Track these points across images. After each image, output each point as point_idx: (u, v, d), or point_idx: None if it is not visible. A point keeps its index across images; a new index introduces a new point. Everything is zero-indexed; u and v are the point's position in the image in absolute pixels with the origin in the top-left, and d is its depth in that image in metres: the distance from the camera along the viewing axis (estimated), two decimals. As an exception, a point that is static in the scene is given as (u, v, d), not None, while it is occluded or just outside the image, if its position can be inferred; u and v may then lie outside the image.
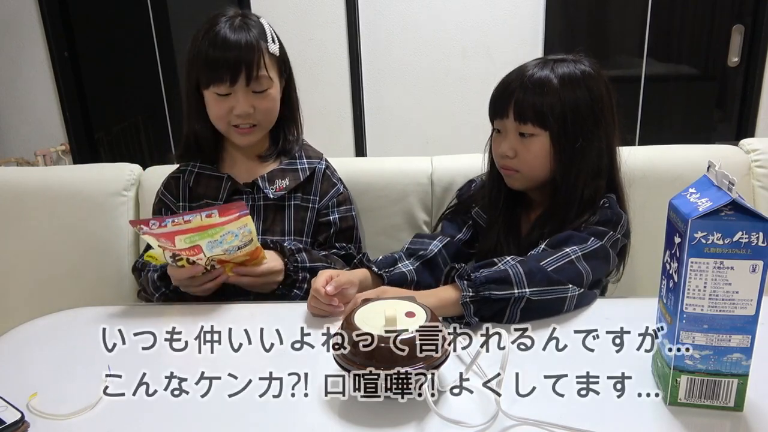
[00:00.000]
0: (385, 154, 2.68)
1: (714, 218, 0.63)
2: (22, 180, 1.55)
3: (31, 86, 2.74)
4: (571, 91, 1.04)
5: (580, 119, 1.05)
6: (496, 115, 1.11)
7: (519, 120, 1.06)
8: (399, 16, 2.51)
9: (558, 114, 1.04)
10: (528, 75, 1.06)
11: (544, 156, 1.07)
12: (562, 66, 1.06)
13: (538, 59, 1.10)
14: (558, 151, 1.06)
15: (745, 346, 0.66)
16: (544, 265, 0.94)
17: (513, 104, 1.06)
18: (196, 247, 0.99)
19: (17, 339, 0.98)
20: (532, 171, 1.09)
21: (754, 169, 1.45)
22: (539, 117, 1.04)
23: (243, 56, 1.13)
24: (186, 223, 0.98)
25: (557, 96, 1.04)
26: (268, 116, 1.21)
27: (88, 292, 1.50)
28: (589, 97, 1.05)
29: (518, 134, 1.08)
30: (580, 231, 1.04)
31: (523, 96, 1.05)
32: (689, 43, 2.56)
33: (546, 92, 1.04)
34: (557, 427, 0.68)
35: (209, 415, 0.74)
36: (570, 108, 1.04)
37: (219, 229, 0.99)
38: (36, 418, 0.74)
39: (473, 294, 0.89)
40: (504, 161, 1.11)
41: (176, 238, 0.98)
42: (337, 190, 1.30)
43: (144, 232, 0.99)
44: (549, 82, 1.04)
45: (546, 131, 1.05)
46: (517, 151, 1.08)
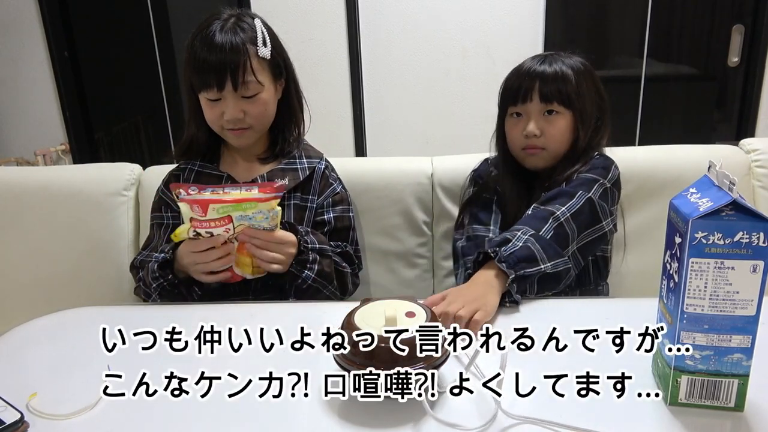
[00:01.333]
0: (385, 154, 2.68)
1: (715, 218, 0.63)
2: (22, 180, 1.55)
3: (31, 86, 2.74)
4: (580, 76, 1.19)
5: (591, 99, 1.20)
6: (518, 100, 1.21)
7: (545, 101, 1.18)
8: (399, 16, 2.51)
9: (579, 93, 1.18)
10: (547, 61, 1.20)
11: (569, 131, 1.20)
12: (567, 58, 1.21)
13: (541, 54, 1.24)
14: (580, 125, 1.19)
15: (746, 347, 0.66)
16: (544, 235, 1.05)
17: (537, 87, 1.18)
18: (227, 217, 1.01)
19: (17, 339, 0.98)
20: (557, 147, 1.20)
21: (754, 169, 1.45)
22: (565, 96, 1.17)
23: (228, 63, 1.11)
24: (225, 194, 1.01)
25: (573, 80, 1.18)
26: (260, 120, 1.20)
27: (88, 292, 1.50)
28: (592, 82, 1.21)
29: (543, 114, 1.19)
30: (571, 180, 1.15)
31: (546, 79, 1.18)
32: (689, 43, 2.56)
33: (565, 77, 1.18)
34: (557, 426, 0.68)
35: (209, 415, 0.74)
36: (584, 89, 1.19)
37: (253, 205, 1.01)
38: (36, 418, 0.74)
39: (513, 274, 0.97)
40: (530, 140, 1.20)
41: (210, 206, 0.99)
42: (333, 190, 1.29)
43: (181, 197, 1.00)
44: (564, 69, 1.19)
45: (569, 110, 1.18)
46: (543, 130, 1.19)
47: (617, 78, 2.63)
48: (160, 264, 1.12)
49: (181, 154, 1.30)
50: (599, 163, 1.19)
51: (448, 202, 1.48)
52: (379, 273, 1.51)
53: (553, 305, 1.01)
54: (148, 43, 2.78)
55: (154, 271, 1.13)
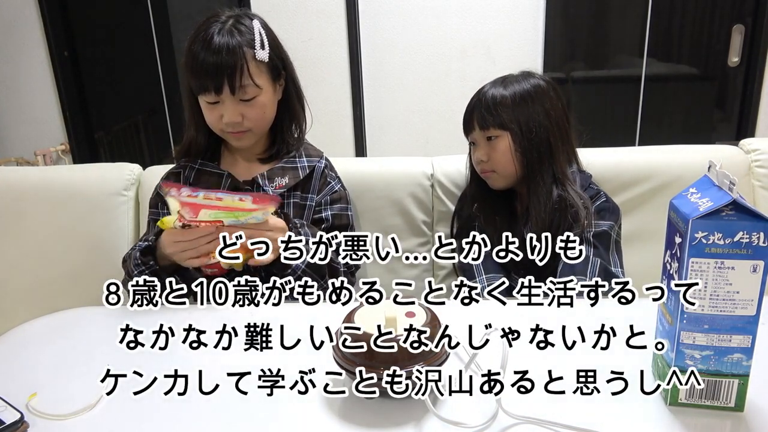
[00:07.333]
0: (385, 154, 2.68)
1: (715, 218, 0.63)
2: (22, 180, 1.55)
3: (31, 86, 2.74)
4: (523, 99, 1.24)
5: (534, 115, 1.23)
6: (466, 131, 1.32)
7: (482, 127, 1.26)
8: (399, 16, 2.51)
9: (512, 113, 1.23)
10: (485, 92, 1.27)
11: (510, 152, 1.24)
12: (516, 83, 1.26)
13: (495, 80, 1.30)
14: (519, 144, 1.23)
15: (746, 347, 0.66)
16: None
17: (476, 116, 1.27)
18: (218, 222, 1.00)
19: (17, 339, 0.98)
20: (504, 168, 1.26)
21: (754, 169, 1.45)
22: (497, 119, 1.24)
23: (225, 67, 1.11)
24: (217, 201, 1.00)
25: (509, 103, 1.24)
26: (259, 123, 1.20)
27: (88, 292, 1.50)
28: (541, 103, 1.24)
29: (486, 139, 1.26)
30: (583, 234, 1.18)
31: (483, 108, 1.25)
32: (689, 43, 2.56)
33: (499, 102, 1.24)
34: (557, 426, 0.68)
35: (209, 415, 0.74)
36: (521, 109, 1.23)
37: (246, 213, 1.01)
38: (35, 418, 0.74)
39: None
40: (481, 166, 1.29)
41: (201, 211, 0.99)
42: (331, 188, 1.29)
43: (171, 195, 0.99)
44: (501, 94, 1.25)
45: (506, 131, 1.24)
46: (489, 154, 1.26)
47: (617, 78, 2.63)
48: (143, 251, 1.10)
49: (181, 157, 1.30)
50: (607, 207, 1.24)
51: (448, 202, 1.48)
52: (379, 273, 1.50)
53: (554, 305, 1.01)
54: (148, 43, 2.78)
55: (136, 258, 1.11)
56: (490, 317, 0.93)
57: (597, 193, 1.26)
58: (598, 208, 1.23)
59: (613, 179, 1.43)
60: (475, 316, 0.89)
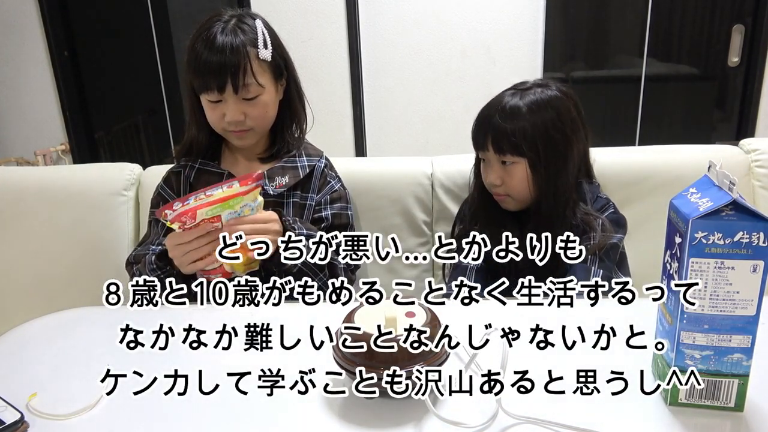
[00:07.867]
0: (385, 154, 2.68)
1: (715, 218, 0.63)
2: (22, 180, 1.55)
3: (31, 86, 2.74)
4: (543, 128, 1.13)
5: (552, 142, 1.14)
6: (478, 147, 1.22)
7: (498, 152, 1.16)
8: (399, 16, 2.51)
9: (530, 140, 1.13)
10: (500, 107, 1.15)
11: (527, 180, 1.16)
12: (530, 94, 1.15)
13: (509, 89, 1.19)
14: (537, 174, 1.15)
15: (746, 347, 0.66)
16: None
17: (491, 138, 1.16)
18: (216, 217, 1.02)
19: (17, 339, 0.97)
20: (520, 193, 1.18)
21: (754, 169, 1.45)
22: (515, 146, 1.14)
23: (229, 65, 1.11)
24: (208, 197, 1.01)
25: (530, 131, 1.13)
26: (261, 122, 1.21)
27: (88, 292, 1.50)
28: (558, 119, 1.14)
29: (500, 162, 1.17)
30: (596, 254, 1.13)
31: (499, 129, 1.14)
32: (689, 43, 2.56)
33: (518, 125, 1.13)
34: (557, 426, 0.68)
35: (209, 415, 0.74)
36: (540, 132, 1.13)
37: (239, 200, 1.02)
38: (35, 418, 0.74)
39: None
40: (494, 189, 1.21)
41: (198, 212, 1.00)
42: (331, 187, 1.29)
43: (170, 219, 1.00)
44: (518, 110, 1.14)
45: (524, 158, 1.15)
46: (503, 179, 1.18)
47: (617, 78, 2.63)
48: (158, 255, 1.11)
49: (181, 156, 1.30)
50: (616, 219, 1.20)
51: (448, 202, 1.48)
52: (379, 273, 1.50)
53: (553, 305, 1.01)
54: (148, 43, 2.78)
55: (152, 263, 1.12)
56: (490, 317, 0.93)
57: (606, 203, 1.23)
58: (607, 219, 1.19)
59: (613, 179, 1.43)
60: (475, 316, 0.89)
